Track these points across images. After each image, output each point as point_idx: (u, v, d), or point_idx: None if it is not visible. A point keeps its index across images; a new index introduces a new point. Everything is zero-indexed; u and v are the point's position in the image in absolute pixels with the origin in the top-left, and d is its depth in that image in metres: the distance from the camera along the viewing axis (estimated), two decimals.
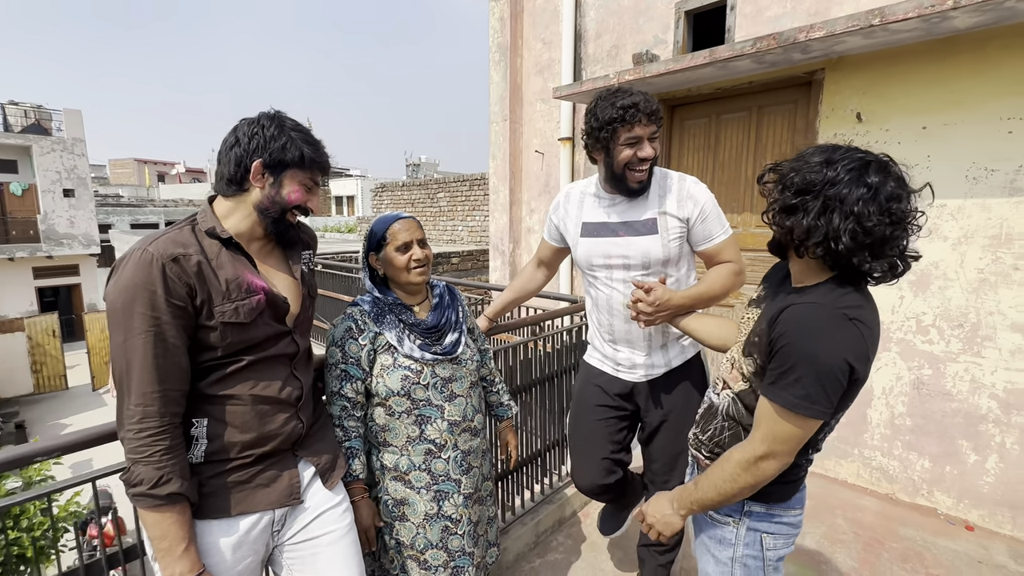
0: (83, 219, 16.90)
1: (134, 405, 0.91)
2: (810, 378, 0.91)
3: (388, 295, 1.42)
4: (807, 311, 0.95)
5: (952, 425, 2.54)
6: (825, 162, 0.95)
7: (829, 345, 0.91)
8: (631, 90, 1.48)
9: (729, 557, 1.15)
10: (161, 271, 0.93)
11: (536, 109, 4.33)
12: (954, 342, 2.50)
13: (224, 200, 1.09)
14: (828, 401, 0.93)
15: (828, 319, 0.93)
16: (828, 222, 0.91)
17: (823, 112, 2.79)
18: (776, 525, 1.13)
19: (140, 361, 0.91)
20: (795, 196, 0.96)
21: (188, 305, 0.96)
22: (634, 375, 1.69)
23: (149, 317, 0.91)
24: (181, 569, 0.93)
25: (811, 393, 0.92)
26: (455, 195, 10.39)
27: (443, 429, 1.39)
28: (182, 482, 0.93)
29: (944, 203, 2.48)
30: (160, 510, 0.92)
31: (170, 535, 0.93)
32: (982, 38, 2.29)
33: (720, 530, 1.16)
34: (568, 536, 2.42)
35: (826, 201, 0.92)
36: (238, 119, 1.09)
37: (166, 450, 0.92)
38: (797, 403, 0.93)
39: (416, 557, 1.39)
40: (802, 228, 0.94)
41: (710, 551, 1.19)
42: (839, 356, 0.91)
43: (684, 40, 3.36)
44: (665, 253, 1.54)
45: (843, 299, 0.95)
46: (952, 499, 2.57)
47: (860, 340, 0.92)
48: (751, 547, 1.13)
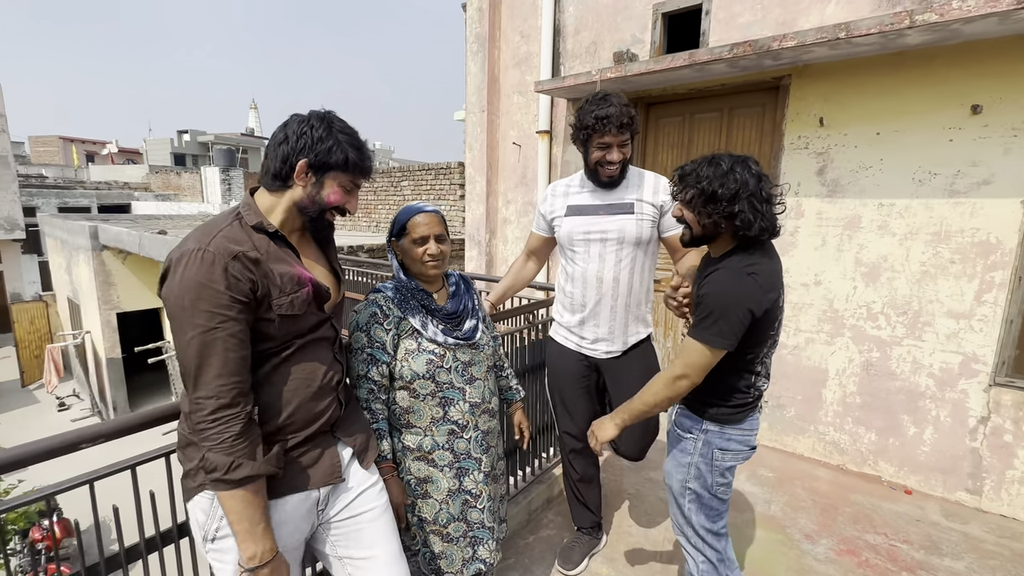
0: (5, 201, 15.48)
1: (205, 398, 0.94)
2: (719, 320, 1.27)
3: (412, 281, 1.48)
4: (720, 274, 1.32)
5: (896, 402, 2.84)
6: (730, 169, 1.29)
7: (733, 296, 1.27)
8: (612, 99, 1.70)
9: (688, 462, 1.50)
10: (224, 269, 0.95)
11: (513, 101, 4.39)
12: (899, 327, 2.80)
13: (267, 194, 1.11)
14: (733, 335, 1.28)
15: (733, 277, 1.29)
16: (756, 212, 1.27)
17: (789, 116, 3.01)
18: (726, 441, 1.45)
19: (211, 356, 0.94)
20: (731, 204, 1.27)
21: (251, 300, 0.99)
22: (596, 351, 1.93)
23: (217, 314, 0.94)
24: (262, 549, 0.98)
25: (722, 330, 1.27)
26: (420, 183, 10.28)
27: (465, 411, 1.46)
28: (253, 464, 0.97)
29: (893, 202, 2.75)
30: (236, 493, 0.95)
31: (248, 517, 0.97)
32: (929, 54, 2.55)
33: (684, 442, 1.51)
34: (558, 514, 2.54)
35: (750, 200, 1.27)
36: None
37: (237, 435, 0.95)
38: (709, 338, 1.29)
39: (439, 531, 1.47)
40: (744, 222, 1.27)
41: (675, 457, 1.54)
42: (741, 304, 1.26)
43: (661, 41, 3.51)
44: (638, 231, 1.80)
45: (744, 260, 1.31)
46: (894, 467, 2.88)
47: (757, 289, 1.27)
48: (705, 457, 1.47)
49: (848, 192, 2.87)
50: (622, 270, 1.82)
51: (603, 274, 1.83)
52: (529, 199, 4.38)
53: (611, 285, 1.84)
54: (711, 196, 1.29)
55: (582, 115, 1.74)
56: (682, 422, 1.53)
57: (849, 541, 2.38)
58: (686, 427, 1.50)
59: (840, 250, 2.93)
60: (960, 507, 2.67)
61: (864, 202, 2.83)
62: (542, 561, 2.21)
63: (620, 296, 1.85)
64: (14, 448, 1.06)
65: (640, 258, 1.83)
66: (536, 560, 2.22)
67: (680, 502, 1.54)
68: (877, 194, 2.79)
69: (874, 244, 2.83)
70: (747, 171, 1.28)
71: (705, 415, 1.46)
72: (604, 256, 1.83)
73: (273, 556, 0.99)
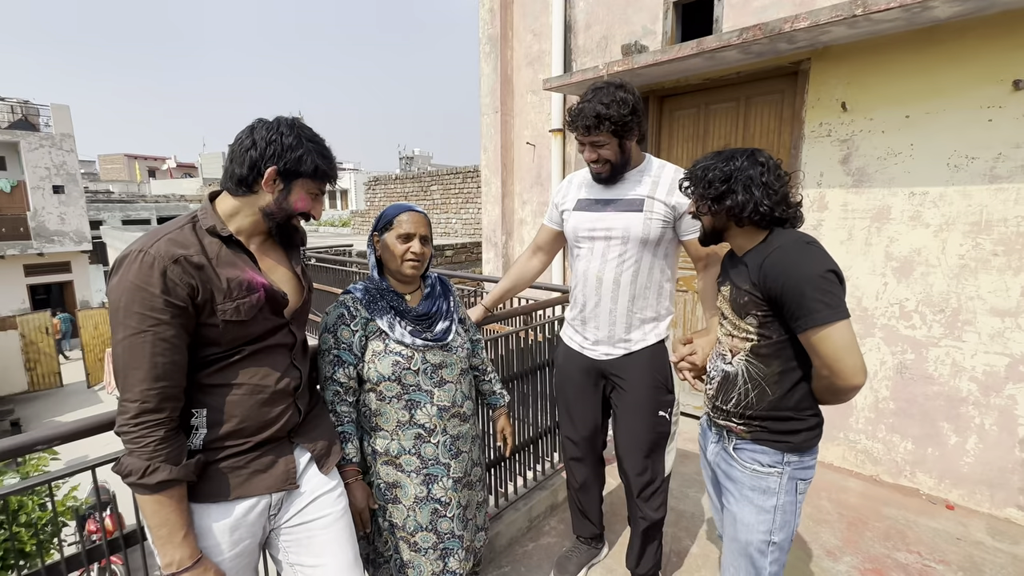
0: (74, 216, 16.77)
1: (130, 401, 0.94)
2: (819, 291, 1.11)
3: (383, 281, 1.46)
4: (780, 253, 1.18)
5: (934, 408, 2.61)
6: (727, 158, 1.26)
7: (811, 264, 1.14)
8: (592, 95, 1.59)
9: (772, 505, 1.28)
10: (162, 273, 0.94)
11: (527, 101, 4.34)
12: (936, 327, 2.56)
13: (230, 198, 1.10)
14: (842, 300, 1.13)
15: (797, 248, 1.17)
16: (750, 195, 1.21)
17: (809, 102, 2.82)
18: (805, 470, 1.29)
19: (138, 360, 0.93)
20: (722, 184, 1.23)
21: (188, 305, 0.98)
22: (595, 352, 1.81)
23: (148, 317, 0.94)
24: (180, 556, 0.97)
25: (829, 301, 1.11)
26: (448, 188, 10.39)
27: (432, 414, 1.43)
28: (171, 468, 0.95)
29: (926, 191, 2.52)
30: (154, 498, 0.95)
31: (168, 523, 0.96)
32: (962, 27, 2.33)
33: (765, 480, 1.28)
34: (560, 521, 2.47)
35: (745, 182, 1.22)
36: (230, 114, 1.12)
37: (159, 440, 0.94)
38: (829, 314, 1.11)
39: (407, 539, 1.43)
40: (737, 204, 1.22)
41: (752, 501, 1.31)
42: (823, 267, 1.13)
43: (673, 31, 3.38)
44: (645, 231, 1.65)
45: (793, 234, 1.22)
46: (933, 479, 2.64)
47: (825, 253, 1.17)
48: (789, 493, 1.28)
49: (875, 181, 2.66)
50: (624, 271, 1.69)
51: (603, 274, 1.72)
52: (544, 199, 4.31)
53: (610, 287, 1.72)
54: (707, 182, 1.26)
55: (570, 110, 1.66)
56: (759, 458, 1.29)
57: (876, 559, 2.19)
58: (766, 463, 1.28)
59: (868, 244, 2.72)
60: (1010, 525, 2.41)
61: (893, 191, 2.61)
62: (539, 569, 2.15)
63: (620, 299, 1.71)
64: (45, 428, 1.15)
65: (648, 259, 1.68)
66: (533, 568, 2.16)
67: (759, 564, 1.32)
68: (908, 182, 2.57)
69: (906, 236, 2.60)
70: (747, 158, 1.24)
71: (789, 446, 1.25)
72: (606, 255, 1.71)
73: (194, 562, 0.98)
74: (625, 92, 1.57)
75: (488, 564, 2.16)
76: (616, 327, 1.75)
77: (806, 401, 1.25)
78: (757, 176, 1.22)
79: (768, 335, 1.23)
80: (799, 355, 1.22)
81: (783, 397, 1.24)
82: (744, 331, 1.28)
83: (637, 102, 1.59)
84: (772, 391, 1.25)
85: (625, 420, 1.80)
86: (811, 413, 1.26)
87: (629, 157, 1.66)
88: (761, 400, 1.26)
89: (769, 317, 1.22)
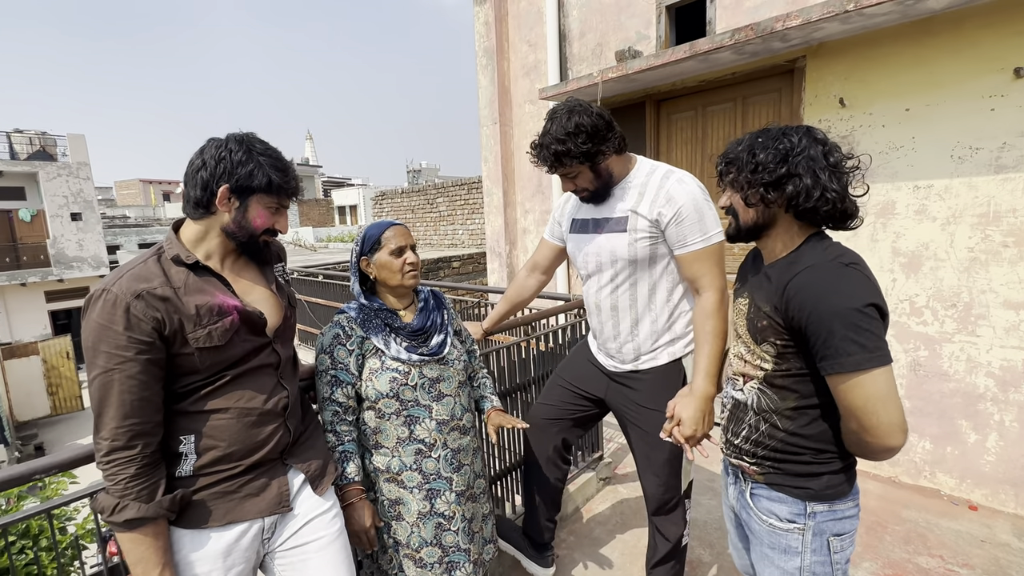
0: (91, 242, 17.16)
1: (103, 439, 0.95)
2: (853, 329, 0.90)
3: (374, 302, 1.46)
4: (807, 276, 0.97)
5: (951, 406, 2.54)
6: (779, 135, 1.04)
7: (845, 294, 0.92)
8: (549, 124, 1.47)
9: (796, 567, 1.07)
10: (125, 310, 0.95)
11: (525, 111, 4.36)
12: (948, 322, 2.50)
13: (193, 223, 1.10)
14: (882, 341, 0.92)
15: (830, 273, 0.96)
16: (816, 179, 0.99)
17: (807, 99, 2.79)
18: (841, 522, 1.06)
19: (108, 398, 0.94)
20: (779, 166, 1.00)
21: (156, 339, 0.98)
22: (604, 361, 1.75)
23: (115, 355, 0.94)
24: None
25: (865, 342, 0.90)
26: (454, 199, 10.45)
27: (432, 428, 1.42)
28: (140, 507, 0.95)
29: (931, 184, 2.47)
30: (128, 535, 0.95)
31: (143, 560, 0.96)
32: (958, 17, 2.29)
33: (784, 538, 1.08)
34: (570, 533, 2.44)
35: (807, 163, 0.99)
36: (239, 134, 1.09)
37: (130, 478, 0.95)
38: (864, 359, 0.90)
39: (412, 556, 1.42)
40: (802, 191, 0.99)
41: (774, 562, 1.11)
42: (861, 300, 0.92)
43: (667, 35, 3.38)
44: (631, 253, 1.53)
45: (830, 252, 1.00)
46: (955, 480, 2.56)
47: (865, 280, 0.95)
48: (819, 553, 1.06)
49: (878, 176, 2.61)
50: (619, 296, 1.59)
51: (600, 301, 1.65)
52: (546, 207, 4.31)
53: (609, 313, 1.63)
54: (755, 164, 1.02)
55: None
56: (775, 510, 1.10)
57: (897, 564, 2.12)
58: (784, 516, 1.08)
59: (874, 240, 2.67)
60: None
61: (897, 185, 2.57)
62: None
63: (622, 324, 1.62)
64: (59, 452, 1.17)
65: (646, 280, 1.56)
66: None
67: None
68: (911, 176, 2.52)
69: (912, 231, 2.55)
70: (803, 134, 1.02)
71: (809, 494, 1.05)
72: (600, 281, 1.62)
73: None
74: (580, 116, 1.43)
75: None
76: (624, 351, 1.66)
77: (828, 439, 1.04)
78: (820, 156, 1.00)
79: (786, 367, 1.05)
80: (821, 390, 1.01)
81: (798, 434, 1.05)
82: (759, 357, 1.09)
83: (597, 122, 1.44)
84: (783, 425, 1.07)
85: (635, 439, 1.73)
86: (834, 454, 1.04)
87: (609, 175, 1.53)
88: (772, 436, 1.08)
89: (790, 349, 1.03)
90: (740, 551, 1.32)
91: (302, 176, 35.63)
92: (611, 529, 2.46)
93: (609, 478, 2.86)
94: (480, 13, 4.41)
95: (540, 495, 1.92)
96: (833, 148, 1.02)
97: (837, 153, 1.02)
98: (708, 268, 1.48)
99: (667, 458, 1.66)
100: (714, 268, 1.48)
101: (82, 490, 1.26)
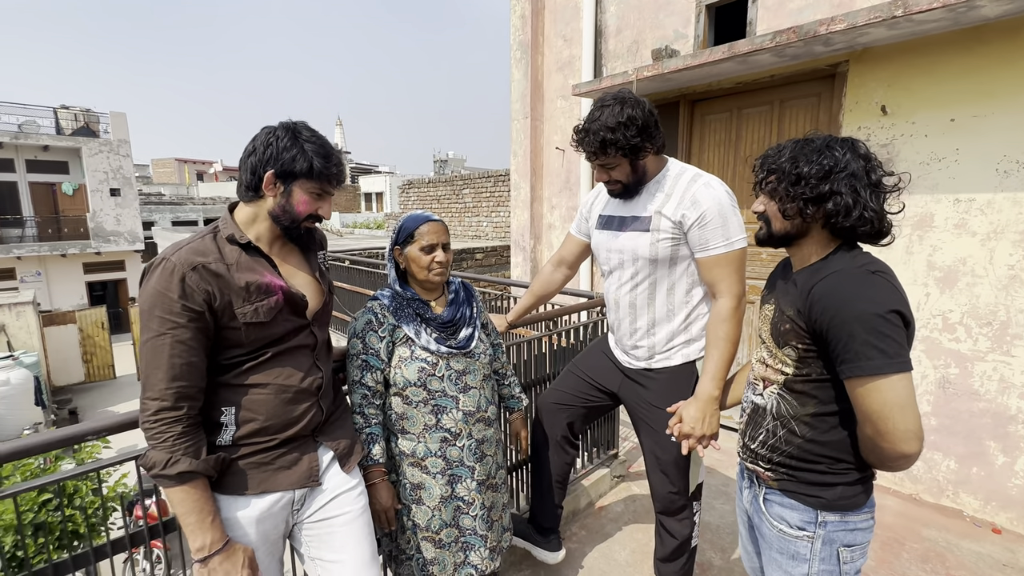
0: (128, 217, 17.76)
1: (150, 399, 1.01)
2: (873, 334, 0.92)
3: (407, 291, 1.50)
4: (833, 281, 0.99)
5: (980, 426, 2.48)
6: (822, 148, 1.04)
7: (869, 300, 0.94)
8: (598, 114, 1.46)
9: (804, 574, 1.09)
10: (181, 280, 1.01)
11: (557, 106, 4.35)
12: (982, 340, 2.44)
13: (245, 206, 1.16)
14: (903, 348, 0.92)
15: (855, 279, 0.97)
16: (856, 196, 1.00)
17: (847, 105, 2.73)
18: (852, 534, 1.06)
19: (158, 360, 1.00)
20: (821, 182, 1.01)
21: (206, 311, 1.04)
22: (620, 357, 1.77)
23: (167, 321, 1.01)
24: (212, 539, 1.03)
25: (885, 347, 0.91)
26: (480, 191, 10.49)
27: (458, 419, 1.46)
28: (191, 461, 1.01)
29: (973, 198, 2.40)
30: (179, 488, 1.01)
31: (195, 510, 1.02)
32: (1013, 26, 2.21)
33: (793, 544, 1.10)
34: (582, 527, 2.47)
35: (848, 180, 1.00)
36: (273, 119, 1.16)
37: (178, 435, 1.01)
38: (883, 363, 0.91)
39: (432, 538, 1.47)
40: (841, 208, 1.01)
41: (782, 567, 1.13)
42: (885, 306, 0.93)
43: (705, 34, 3.33)
44: (652, 253, 1.54)
45: (857, 260, 1.02)
46: (979, 501, 2.51)
47: (891, 287, 0.96)
48: (827, 562, 1.07)
49: (917, 187, 2.55)
50: (638, 295, 1.62)
51: (619, 298, 1.67)
52: (573, 204, 4.31)
53: (627, 310, 1.66)
54: (796, 176, 1.03)
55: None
56: (786, 516, 1.11)
57: None
58: (795, 523, 1.10)
59: (909, 252, 2.61)
60: None
61: (937, 198, 2.50)
62: (559, 575, 2.15)
63: (639, 321, 1.64)
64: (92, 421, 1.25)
65: (665, 280, 1.57)
66: (552, 573, 2.16)
67: None
68: (952, 188, 2.45)
69: (950, 245, 2.49)
70: (848, 148, 1.02)
71: (821, 503, 1.06)
72: (620, 278, 1.65)
73: (223, 545, 1.04)
74: (633, 108, 1.44)
75: (509, 567, 2.18)
76: (639, 348, 1.69)
77: (845, 448, 1.04)
78: (862, 172, 1.00)
79: (806, 372, 1.06)
80: (841, 397, 1.02)
81: (815, 442, 1.06)
82: (780, 361, 1.10)
83: (648, 118, 1.46)
84: (801, 431, 1.08)
85: (644, 437, 1.75)
86: (850, 465, 1.05)
87: (644, 173, 1.55)
88: (789, 442, 1.09)
89: (811, 353, 1.04)
90: (750, 554, 1.33)
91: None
92: (623, 526, 2.48)
93: (623, 476, 2.87)
94: (517, 6, 4.41)
95: (548, 478, 1.95)
96: (876, 165, 1.03)
97: (880, 170, 1.03)
98: (727, 274, 1.48)
99: (675, 459, 1.68)
100: (733, 274, 1.49)
101: (124, 453, 1.34)
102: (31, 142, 16.21)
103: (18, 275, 16.41)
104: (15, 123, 16.51)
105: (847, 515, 1.06)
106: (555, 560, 2.01)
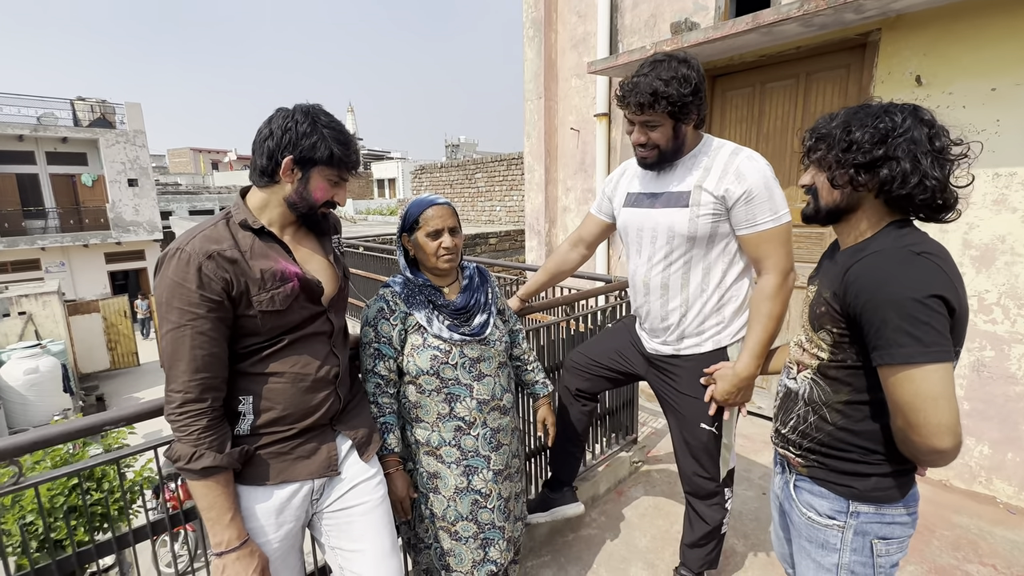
0: (146, 207, 18.01)
1: (175, 392, 0.99)
2: (908, 320, 0.85)
3: (419, 277, 1.45)
4: (870, 261, 0.93)
5: (1016, 410, 2.38)
6: (880, 113, 0.95)
7: (907, 283, 0.87)
8: (649, 69, 1.39)
9: (834, 563, 1.05)
10: (197, 269, 0.98)
11: (571, 85, 4.24)
12: (1021, 322, 2.33)
13: (258, 191, 1.13)
14: (942, 336, 0.85)
15: (895, 260, 0.91)
16: (916, 165, 0.91)
17: (878, 76, 2.60)
18: (888, 527, 1.01)
19: (180, 353, 0.98)
20: (876, 147, 0.93)
21: (224, 299, 1.01)
22: (647, 343, 1.72)
23: (186, 312, 0.98)
24: (229, 537, 1.02)
25: (921, 335, 0.85)
26: (492, 175, 10.39)
27: (472, 407, 1.43)
28: (215, 456, 1.00)
29: (1014, 171, 2.28)
30: (202, 482, 1.00)
31: (216, 506, 1.01)
32: None
33: (821, 533, 1.06)
34: (602, 513, 2.45)
35: (908, 147, 0.92)
36: (283, 105, 1.11)
37: (203, 429, 0.99)
38: (917, 351, 0.85)
39: (448, 528, 1.46)
40: (898, 176, 0.92)
41: (811, 556, 1.09)
42: (924, 290, 0.85)
43: (727, 5, 3.20)
44: (691, 229, 1.47)
45: (903, 239, 0.94)
46: (1013, 487, 2.43)
47: (936, 270, 0.88)
48: (859, 553, 1.03)
49: None
50: (671, 275, 1.55)
51: (649, 279, 1.60)
52: (588, 186, 4.22)
53: (658, 292, 1.58)
54: (849, 143, 0.95)
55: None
56: (815, 504, 1.07)
57: (944, 570, 2.04)
58: (824, 511, 1.06)
59: (944, 230, 2.49)
60: None
61: (975, 172, 2.37)
62: (578, 560, 2.14)
63: (671, 303, 1.57)
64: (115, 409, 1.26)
65: (701, 259, 1.51)
66: (572, 559, 2.15)
67: None
68: (992, 162, 2.33)
69: (988, 222, 2.37)
70: (908, 113, 0.94)
71: (853, 493, 1.02)
72: (652, 257, 1.57)
73: (241, 543, 1.03)
74: (688, 68, 1.38)
75: (528, 553, 2.17)
76: (669, 333, 1.62)
77: (878, 439, 0.99)
78: (924, 140, 0.91)
79: (841, 358, 1.01)
80: (876, 386, 0.96)
81: (847, 430, 1.02)
82: (816, 345, 1.05)
83: (701, 81, 1.40)
84: (832, 419, 1.03)
85: (673, 424, 1.72)
86: (884, 456, 0.99)
87: (683, 143, 1.47)
88: (820, 428, 1.05)
89: (846, 338, 0.99)
90: (781, 540, 1.30)
91: None
92: (642, 512, 2.45)
93: (642, 462, 2.84)
94: None
95: (566, 428, 1.95)
96: (941, 131, 0.94)
97: (944, 138, 0.94)
98: (774, 249, 1.43)
99: (704, 445, 1.64)
100: (780, 249, 1.43)
101: (149, 441, 1.34)
102: (50, 134, 16.46)
103: (43, 265, 16.81)
104: (34, 115, 16.75)
105: (883, 507, 1.01)
106: (576, 512, 2.00)
